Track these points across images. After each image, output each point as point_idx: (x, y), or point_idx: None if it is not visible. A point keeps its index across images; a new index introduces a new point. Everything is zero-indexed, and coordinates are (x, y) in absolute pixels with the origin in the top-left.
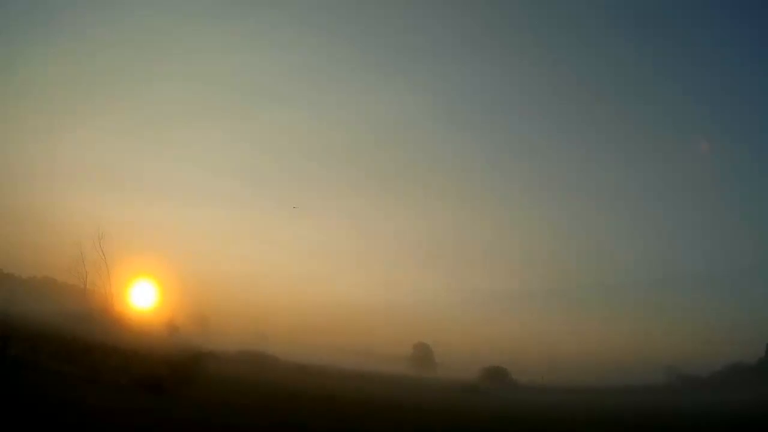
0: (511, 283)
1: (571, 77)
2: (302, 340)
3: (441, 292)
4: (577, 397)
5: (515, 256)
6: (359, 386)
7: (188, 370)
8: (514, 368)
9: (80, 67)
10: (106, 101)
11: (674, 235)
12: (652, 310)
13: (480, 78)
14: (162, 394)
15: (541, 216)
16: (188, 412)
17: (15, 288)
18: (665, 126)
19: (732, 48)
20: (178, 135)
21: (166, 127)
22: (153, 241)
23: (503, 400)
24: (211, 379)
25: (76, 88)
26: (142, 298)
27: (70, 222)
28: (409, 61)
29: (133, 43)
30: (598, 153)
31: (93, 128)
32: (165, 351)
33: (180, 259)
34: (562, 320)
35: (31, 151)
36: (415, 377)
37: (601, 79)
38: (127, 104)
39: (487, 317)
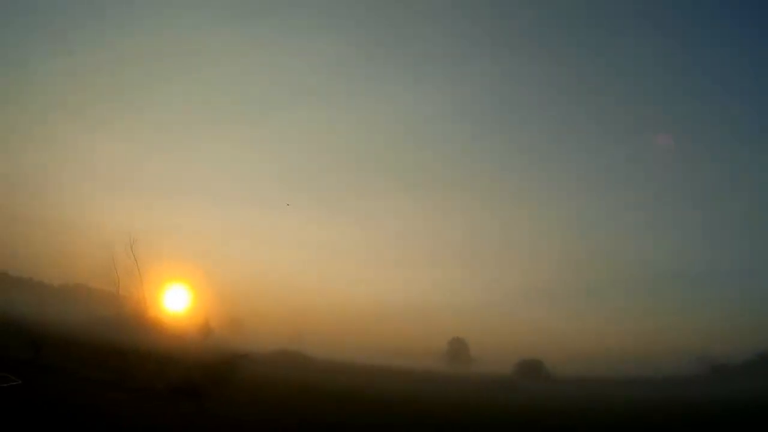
0: (544, 278)
1: (587, 76)
2: (338, 338)
3: (475, 289)
4: (611, 388)
5: (548, 252)
6: (395, 383)
7: (223, 372)
8: (549, 361)
9: (107, 72)
10: (134, 107)
11: (703, 227)
12: (684, 302)
13: (492, 76)
14: (198, 398)
15: (570, 213)
16: (225, 414)
17: (47, 296)
18: (689, 123)
19: (732, 45)
20: (206, 138)
21: (195, 131)
22: (185, 245)
23: (539, 392)
24: (246, 381)
25: (103, 95)
26: (175, 302)
27: (101, 229)
28: (414, 59)
29: (154, 46)
30: (620, 148)
31: (122, 135)
32: (200, 355)
33: (212, 261)
34: (595, 314)
35: (61, 158)
36: (451, 373)
37: (617, 76)
38: (155, 110)
39: (522, 312)
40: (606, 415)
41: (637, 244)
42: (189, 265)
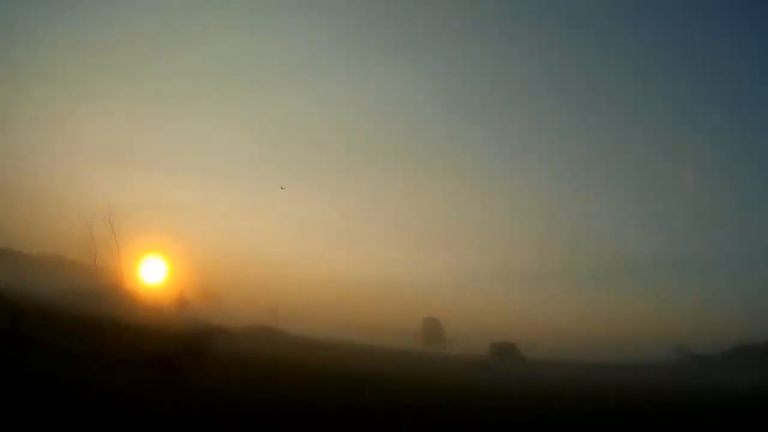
0: (522, 261)
1: (571, 60)
2: (312, 315)
3: (452, 269)
4: (585, 373)
5: (527, 235)
6: (369, 360)
7: (199, 345)
8: (524, 345)
9: (87, 47)
10: (117, 80)
11: (687, 217)
12: (664, 290)
13: (479, 58)
14: (173, 370)
15: (553, 196)
16: (199, 387)
17: (25, 266)
18: (670, 109)
19: (731, 42)
20: (188, 113)
21: (176, 106)
22: (163, 217)
23: (512, 374)
24: (221, 355)
25: (85, 68)
26: (152, 275)
27: (80, 200)
28: (404, 41)
29: (141, 22)
30: (609, 136)
31: (103, 107)
32: (175, 327)
33: (190, 235)
34: (573, 298)
35: (41, 130)
36: (424, 352)
37: (600, 62)
38: (138, 83)
39: (498, 294)
40: (578, 399)
41: (617, 231)
42: (167, 238)
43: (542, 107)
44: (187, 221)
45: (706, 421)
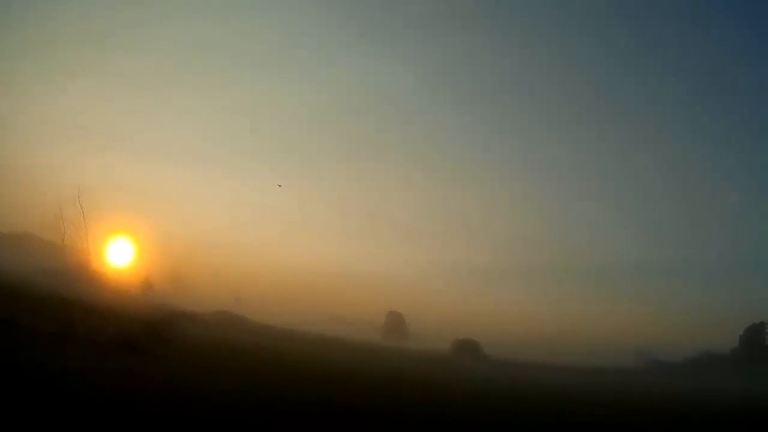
0: (489, 259)
1: (565, 57)
2: (277, 303)
3: (419, 264)
4: (547, 374)
5: (496, 233)
6: (331, 351)
7: (163, 329)
8: (486, 342)
9: (65, 25)
10: (92, 59)
11: (657, 224)
12: (630, 295)
13: (473, 51)
14: (137, 353)
15: (524, 195)
16: (162, 372)
17: None
18: (660, 112)
19: (731, 42)
20: (161, 95)
21: (149, 88)
22: (133, 199)
23: (473, 372)
24: (185, 339)
25: (61, 46)
26: (120, 256)
27: (50, 178)
28: (400, 32)
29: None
30: (587, 135)
31: (77, 86)
32: (140, 310)
33: (159, 218)
34: (538, 298)
35: (13, 106)
36: (387, 346)
37: (597, 65)
38: (112, 63)
39: (464, 291)
40: (537, 400)
41: (588, 234)
42: (136, 220)
43: (533, 103)
44: (157, 204)
45: (661, 426)
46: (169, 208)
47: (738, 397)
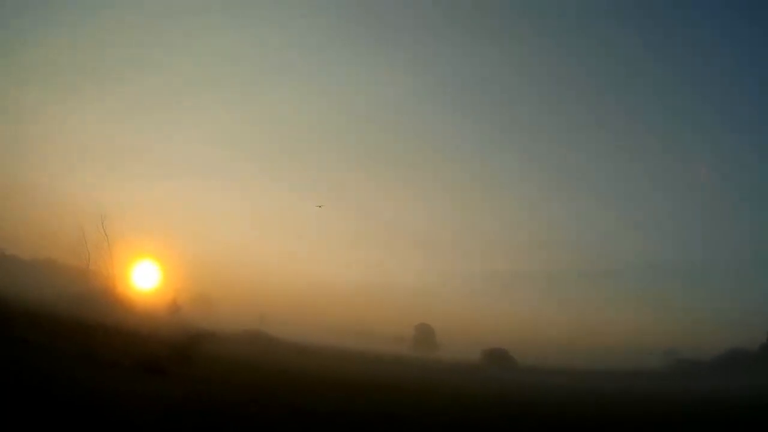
0: (514, 266)
1: (571, 63)
2: (304, 320)
3: (445, 274)
4: (577, 380)
5: (519, 241)
6: (360, 366)
7: (189, 350)
8: (515, 350)
9: (81, 46)
10: (109, 81)
11: (679, 224)
12: (656, 296)
13: (482, 60)
14: (163, 375)
15: (544, 202)
16: (188, 392)
17: (18, 270)
18: (666, 113)
19: (732, 41)
20: (181, 115)
21: (169, 108)
22: (156, 221)
23: (503, 380)
24: (211, 360)
25: (78, 68)
26: (145, 279)
27: (72, 203)
28: (408, 43)
29: (135, 23)
30: (598, 139)
31: (96, 108)
32: (166, 332)
33: (183, 239)
34: (565, 304)
35: (34, 130)
36: (416, 358)
37: (601, 66)
38: (130, 84)
39: (490, 300)
40: (568, 405)
41: (610, 236)
42: (160, 241)
43: (540, 108)
44: (181, 226)
45: (694, 428)
46: (193, 229)
47: None
